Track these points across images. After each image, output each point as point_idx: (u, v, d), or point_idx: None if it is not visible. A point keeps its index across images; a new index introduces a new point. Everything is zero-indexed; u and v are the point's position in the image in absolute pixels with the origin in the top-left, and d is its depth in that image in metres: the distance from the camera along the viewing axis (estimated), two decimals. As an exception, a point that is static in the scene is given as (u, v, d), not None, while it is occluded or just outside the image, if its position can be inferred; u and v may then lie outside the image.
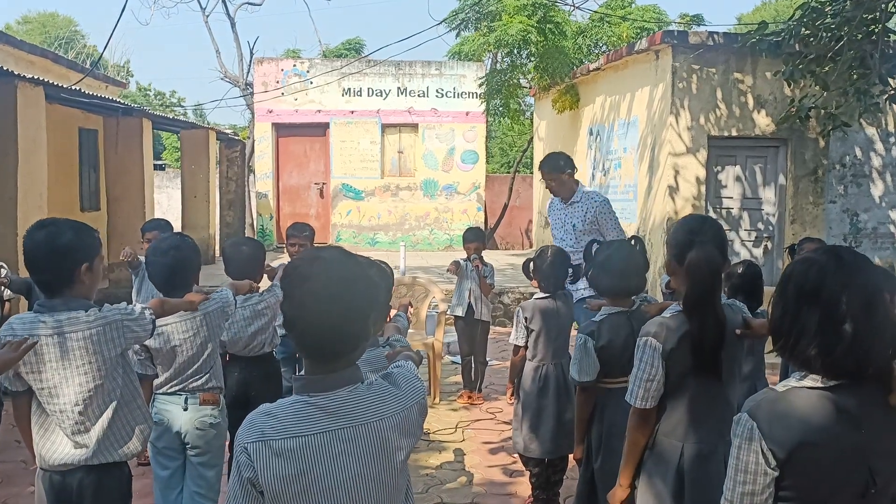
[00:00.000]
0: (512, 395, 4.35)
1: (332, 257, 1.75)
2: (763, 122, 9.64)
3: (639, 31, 13.61)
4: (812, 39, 8.19)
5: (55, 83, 7.52)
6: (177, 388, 3.23)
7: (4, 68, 6.47)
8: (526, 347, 4.25)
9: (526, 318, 4.21)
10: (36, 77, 7.06)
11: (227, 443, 3.50)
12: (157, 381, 3.25)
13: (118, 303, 2.73)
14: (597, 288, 3.36)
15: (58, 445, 2.57)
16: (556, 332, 4.24)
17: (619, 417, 3.27)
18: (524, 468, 4.43)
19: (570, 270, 4.26)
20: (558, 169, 5.41)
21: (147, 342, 3.02)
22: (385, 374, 1.83)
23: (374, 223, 15.32)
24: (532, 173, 18.30)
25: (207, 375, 3.26)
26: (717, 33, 9.62)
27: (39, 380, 2.53)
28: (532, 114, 16.79)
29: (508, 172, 23.80)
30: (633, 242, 3.44)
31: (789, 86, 8.81)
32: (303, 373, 1.76)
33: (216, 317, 3.27)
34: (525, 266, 4.36)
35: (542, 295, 4.26)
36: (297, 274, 1.72)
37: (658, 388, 2.46)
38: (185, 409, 3.22)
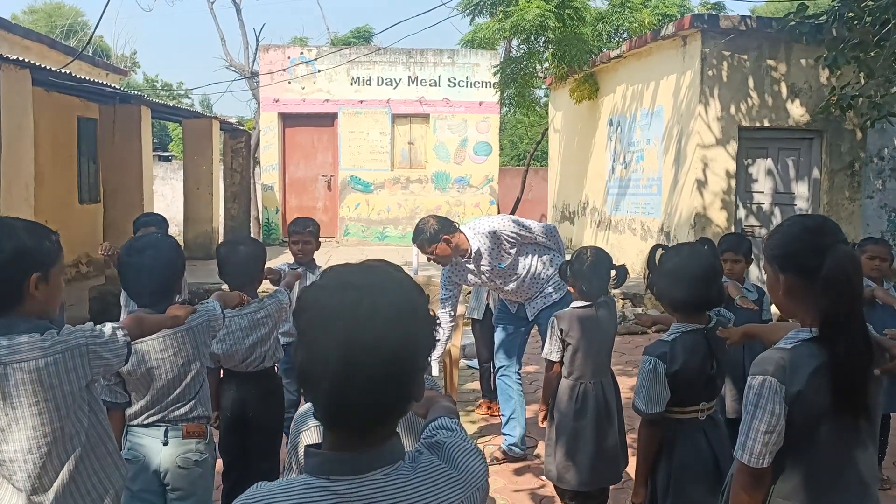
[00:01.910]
0: (545, 417, 3.83)
1: (369, 284, 1.23)
2: (797, 112, 9.10)
3: (660, 17, 13.03)
4: (856, 23, 7.62)
5: (43, 66, 7.02)
6: (155, 418, 2.69)
7: (-16, 48, 5.98)
8: (561, 363, 3.73)
9: (562, 331, 3.69)
10: (21, 59, 6.56)
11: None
12: (130, 411, 2.71)
13: (116, 299, 2.16)
14: (668, 301, 2.83)
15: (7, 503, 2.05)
16: (598, 346, 3.71)
17: (691, 455, 2.76)
18: (559, 499, 3.91)
19: (615, 273, 3.73)
20: (433, 240, 4.48)
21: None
22: (432, 445, 1.31)
23: (383, 217, 14.80)
24: (547, 166, 17.76)
25: (192, 403, 2.72)
26: (749, 17, 9.08)
27: None
28: (547, 104, 16.23)
29: (519, 165, 23.27)
30: (704, 246, 2.91)
31: (832, 73, 8.24)
32: (319, 444, 1.26)
33: (201, 332, 2.73)
34: (562, 269, 3.83)
35: (582, 303, 3.73)
36: (319, 309, 1.20)
37: (778, 442, 1.92)
38: (166, 444, 2.68)
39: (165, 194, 19.17)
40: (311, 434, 1.81)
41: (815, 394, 1.89)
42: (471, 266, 4.72)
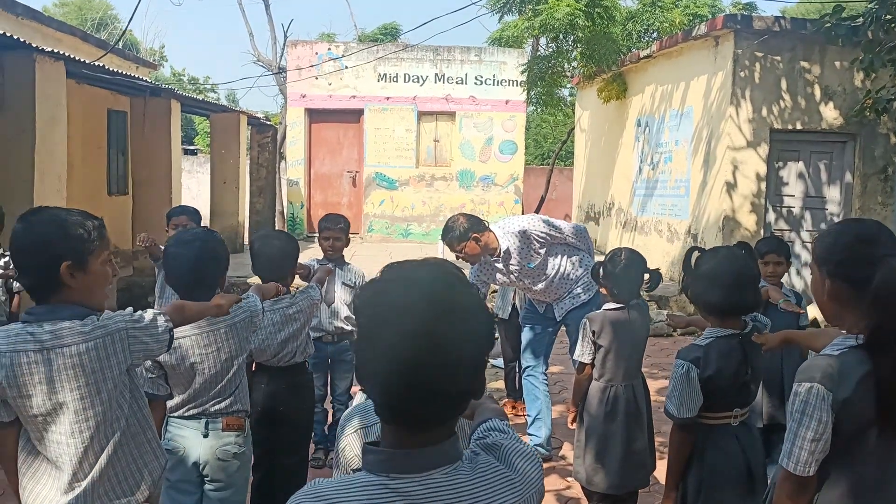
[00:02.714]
0: (574, 419, 3.80)
1: (432, 279, 1.22)
2: (830, 114, 8.97)
3: (691, 17, 12.91)
4: (894, 25, 7.49)
5: (76, 58, 7.09)
6: (195, 411, 2.72)
7: (22, 40, 6.04)
8: (592, 365, 3.71)
9: (594, 332, 3.67)
10: (56, 51, 6.62)
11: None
12: (171, 403, 2.74)
13: (143, 291, 2.17)
14: (703, 305, 2.80)
15: (47, 491, 2.06)
16: (629, 348, 3.68)
17: (723, 461, 2.73)
18: (587, 501, 3.89)
19: (648, 276, 3.70)
20: (463, 238, 4.46)
21: (160, 357, 2.51)
22: (488, 446, 1.30)
23: (407, 214, 14.81)
24: (572, 166, 17.67)
25: (232, 397, 2.74)
26: (783, 18, 8.96)
27: (29, 406, 2.03)
28: (573, 103, 16.15)
29: (542, 164, 23.18)
30: (742, 250, 2.87)
31: (867, 75, 8.11)
32: (377, 440, 1.25)
33: (243, 328, 2.74)
34: (594, 271, 3.80)
35: (614, 305, 3.70)
36: (383, 305, 1.20)
37: (824, 450, 1.89)
38: (206, 436, 2.70)
39: (191, 187, 19.31)
40: (355, 437, 1.81)
41: (862, 402, 1.85)
42: (500, 265, 4.70)
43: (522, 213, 15.11)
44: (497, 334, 6.34)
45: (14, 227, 2.09)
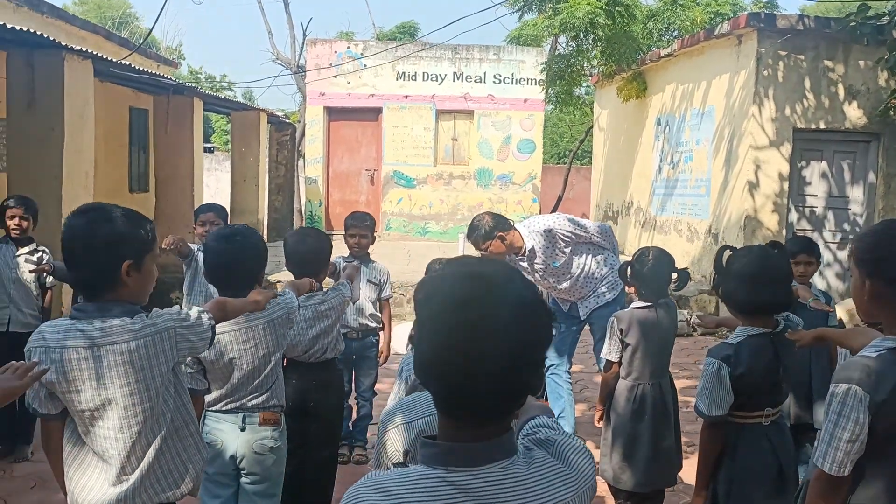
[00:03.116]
0: (601, 417, 3.81)
1: (493, 274, 1.24)
2: (854, 114, 8.91)
3: (712, 15, 12.85)
4: (920, 24, 7.43)
5: (103, 57, 7.17)
6: (233, 405, 2.76)
7: (52, 39, 6.11)
8: (620, 363, 3.72)
9: (621, 331, 3.67)
10: (84, 49, 6.70)
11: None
12: (208, 398, 2.79)
13: (166, 287, 2.20)
14: (734, 303, 2.80)
15: (94, 482, 2.09)
16: (657, 347, 3.69)
17: (754, 460, 2.73)
18: (612, 499, 3.90)
19: (675, 276, 3.70)
20: (488, 237, 4.47)
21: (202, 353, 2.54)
22: (541, 441, 1.32)
23: (425, 212, 14.84)
24: (589, 165, 17.64)
25: (269, 392, 2.78)
26: (807, 17, 8.89)
27: (78, 401, 2.07)
28: (590, 102, 16.11)
29: (559, 163, 23.13)
30: (774, 249, 2.87)
31: (892, 74, 8.05)
32: (434, 435, 1.26)
33: (280, 325, 2.78)
34: (622, 270, 3.81)
35: (641, 304, 3.71)
36: (445, 298, 1.21)
37: (860, 450, 1.90)
38: (243, 430, 2.74)
39: (210, 185, 19.39)
40: (398, 432, 1.83)
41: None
42: (524, 264, 4.72)
43: (540, 212, 15.10)
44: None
45: (70, 222, 2.10)
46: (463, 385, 1.19)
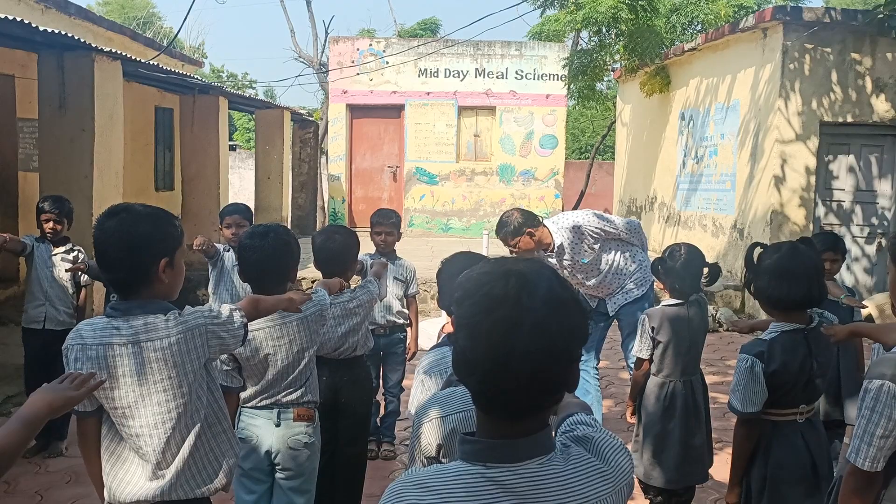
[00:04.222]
0: (633, 413, 3.81)
1: (530, 272, 1.26)
2: (882, 107, 8.80)
3: (736, 8, 12.73)
4: (950, 15, 7.32)
5: (132, 57, 7.26)
6: (268, 402, 2.80)
7: (81, 40, 6.19)
8: (651, 361, 3.71)
9: (653, 328, 3.67)
10: (113, 50, 6.78)
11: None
12: (244, 394, 2.83)
13: (191, 285, 2.22)
14: (766, 299, 2.79)
15: (131, 476, 2.14)
16: (688, 344, 3.67)
17: (788, 457, 2.72)
18: (643, 495, 3.90)
19: (707, 270, 3.69)
20: (517, 233, 4.47)
21: (235, 350, 2.58)
22: (579, 438, 1.33)
23: (447, 208, 14.86)
24: (611, 160, 17.56)
25: (303, 388, 2.82)
26: (833, 9, 8.80)
27: (113, 398, 2.11)
28: (612, 97, 16.03)
29: (581, 158, 23.04)
30: (803, 245, 2.85)
31: (921, 67, 7.93)
32: (474, 431, 1.28)
33: (314, 322, 2.82)
34: (654, 266, 3.80)
35: (673, 301, 3.70)
36: (483, 295, 1.23)
37: (893, 446, 1.90)
38: (278, 425, 2.78)
39: (234, 183, 19.56)
40: (432, 426, 1.85)
41: None
42: (553, 261, 4.72)
43: (563, 208, 15.06)
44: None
45: (103, 224, 2.14)
46: (500, 381, 1.21)
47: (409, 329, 5.01)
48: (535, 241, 4.55)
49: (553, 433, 1.41)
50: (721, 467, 3.80)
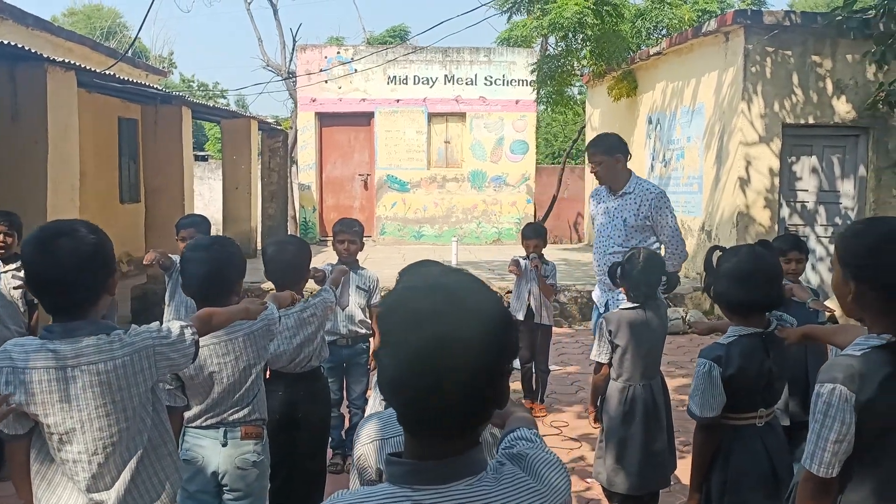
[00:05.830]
0: (595, 419, 3.78)
1: (456, 286, 1.21)
2: (843, 108, 8.90)
3: (700, 13, 12.85)
4: (906, 17, 7.42)
5: (87, 67, 7.13)
6: (213, 420, 2.71)
7: (33, 51, 6.07)
8: (610, 365, 3.69)
9: (610, 332, 3.64)
10: (66, 60, 6.66)
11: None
12: (188, 414, 2.74)
13: (157, 298, 2.14)
14: (725, 303, 2.77)
15: (65, 502, 2.06)
16: (647, 348, 3.66)
17: (748, 461, 2.70)
18: (607, 501, 3.87)
19: (665, 278, 3.67)
20: (609, 151, 4.53)
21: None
22: (514, 456, 1.28)
23: (419, 216, 14.81)
24: (583, 164, 17.59)
25: (250, 407, 2.73)
26: (793, 12, 8.91)
27: (47, 424, 2.01)
28: (583, 102, 16.11)
29: (553, 163, 23.09)
30: (761, 247, 2.84)
31: (879, 68, 8.05)
32: (401, 452, 1.23)
33: (261, 337, 2.74)
34: (612, 271, 3.78)
35: (630, 305, 3.68)
36: (408, 311, 1.18)
37: (847, 451, 1.87)
38: (224, 445, 2.69)
39: (203, 193, 19.35)
40: (371, 449, 1.79)
41: (885, 403, 1.84)
42: (604, 204, 4.64)
43: (535, 213, 15.08)
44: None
45: (47, 244, 2.01)
46: (427, 402, 1.16)
47: (371, 339, 4.95)
48: (617, 169, 4.51)
49: (494, 450, 1.37)
50: (686, 471, 3.78)
